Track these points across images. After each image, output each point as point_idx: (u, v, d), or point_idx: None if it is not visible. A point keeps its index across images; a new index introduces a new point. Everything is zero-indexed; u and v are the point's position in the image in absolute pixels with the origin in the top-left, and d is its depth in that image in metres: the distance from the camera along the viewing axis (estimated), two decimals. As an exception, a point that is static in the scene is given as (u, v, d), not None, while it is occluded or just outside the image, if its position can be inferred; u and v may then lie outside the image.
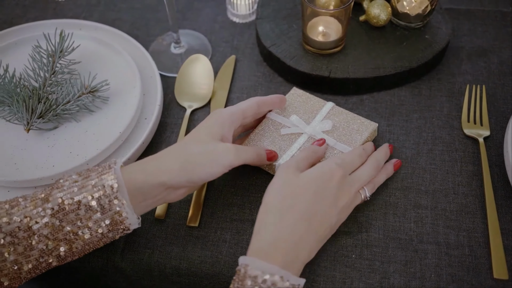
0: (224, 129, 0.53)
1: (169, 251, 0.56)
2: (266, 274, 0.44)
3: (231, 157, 0.51)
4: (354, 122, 0.59)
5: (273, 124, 0.60)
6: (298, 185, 0.50)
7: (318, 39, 0.68)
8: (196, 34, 0.77)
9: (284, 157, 0.57)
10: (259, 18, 0.74)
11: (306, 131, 0.58)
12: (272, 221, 0.48)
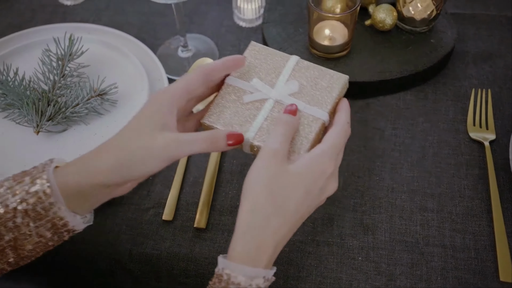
0: (165, 116, 0.47)
1: (177, 253, 0.57)
2: (251, 279, 0.42)
3: (171, 152, 0.45)
4: (322, 77, 0.52)
5: (234, 92, 0.52)
6: (288, 182, 0.44)
7: (324, 43, 0.69)
8: (203, 38, 0.78)
9: (252, 129, 0.49)
10: (266, 22, 0.75)
11: (271, 96, 0.51)
12: (259, 224, 0.44)
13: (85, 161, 0.46)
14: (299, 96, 0.51)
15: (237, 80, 0.52)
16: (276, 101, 0.51)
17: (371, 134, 0.66)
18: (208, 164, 0.63)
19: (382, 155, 0.64)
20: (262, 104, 0.51)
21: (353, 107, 0.68)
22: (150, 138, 0.45)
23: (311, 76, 0.52)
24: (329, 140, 0.47)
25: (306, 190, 0.45)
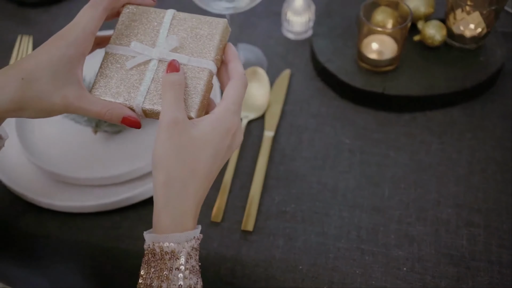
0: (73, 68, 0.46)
1: (224, 253, 0.59)
2: (185, 242, 0.43)
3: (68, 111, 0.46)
4: (201, 26, 0.49)
5: (116, 59, 0.50)
6: (196, 147, 0.44)
7: (372, 57, 0.70)
8: (252, 48, 0.81)
9: (140, 93, 0.48)
10: (315, 35, 0.77)
11: (153, 56, 0.49)
12: (177, 193, 0.43)
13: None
14: (181, 51, 0.49)
15: (116, 47, 0.50)
16: (160, 60, 0.49)
17: (417, 148, 0.66)
18: (255, 170, 0.65)
19: (428, 169, 0.64)
20: (146, 66, 0.49)
21: (400, 120, 0.69)
22: (49, 89, 0.45)
23: (190, 27, 0.50)
24: (229, 96, 0.46)
25: (214, 151, 0.45)
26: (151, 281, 0.42)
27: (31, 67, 0.45)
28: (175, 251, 0.42)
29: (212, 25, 0.49)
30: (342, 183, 0.64)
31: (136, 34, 0.50)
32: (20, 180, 0.64)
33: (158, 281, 0.42)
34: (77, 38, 0.46)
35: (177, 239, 0.43)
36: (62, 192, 0.63)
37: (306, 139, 0.69)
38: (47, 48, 0.45)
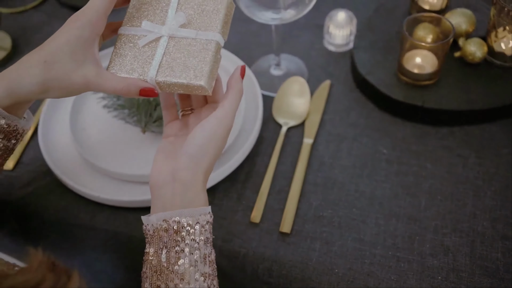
0: (89, 48, 0.50)
1: (262, 253, 0.61)
2: (199, 216, 0.47)
3: (88, 89, 0.50)
4: (206, 3, 0.53)
5: (129, 39, 0.54)
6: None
7: (413, 70, 0.72)
8: (294, 59, 0.83)
9: (152, 67, 0.52)
10: (356, 47, 0.79)
11: (163, 32, 0.52)
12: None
13: (13, 86, 0.49)
14: (189, 26, 0.53)
15: (128, 28, 0.54)
16: (170, 36, 0.53)
17: (454, 161, 0.68)
18: (294, 175, 0.67)
19: (465, 182, 0.65)
20: (157, 43, 0.53)
21: (438, 133, 0.71)
22: (69, 71, 0.49)
23: (196, 4, 0.54)
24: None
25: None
26: (167, 256, 0.46)
27: (52, 50, 0.49)
28: (191, 224, 0.47)
29: (217, 1, 0.53)
30: (379, 192, 0.65)
31: (146, 15, 0.54)
32: (71, 174, 0.67)
33: (174, 254, 0.46)
34: (91, 19, 0.49)
35: (192, 213, 0.47)
36: (109, 187, 0.66)
37: (344, 147, 0.71)
38: (64, 31, 0.49)
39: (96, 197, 0.65)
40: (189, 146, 0.49)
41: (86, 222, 0.65)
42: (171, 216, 0.47)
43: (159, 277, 0.46)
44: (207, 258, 0.48)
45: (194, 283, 0.46)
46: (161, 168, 0.50)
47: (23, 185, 0.69)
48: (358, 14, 0.84)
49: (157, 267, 0.47)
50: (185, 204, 0.48)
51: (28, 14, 0.95)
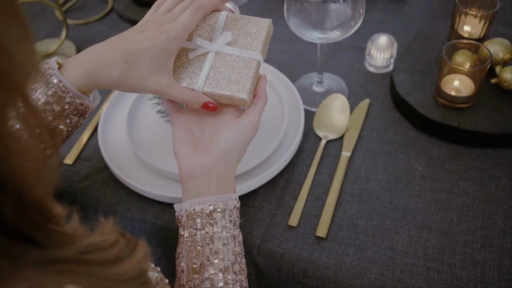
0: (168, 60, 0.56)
1: (298, 254, 0.65)
2: (229, 201, 0.55)
3: (158, 94, 0.57)
4: (250, 25, 0.61)
5: (181, 52, 0.61)
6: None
7: (451, 93, 0.76)
8: (335, 78, 0.88)
9: (200, 79, 0.59)
10: (396, 69, 0.83)
11: (211, 48, 0.60)
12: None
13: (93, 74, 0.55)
14: (234, 44, 0.60)
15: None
16: (216, 52, 0.60)
17: (487, 181, 0.70)
18: (331, 185, 0.71)
19: (496, 201, 0.68)
20: (205, 56, 0.60)
21: (472, 154, 0.74)
22: (147, 78, 0.55)
23: (241, 25, 0.61)
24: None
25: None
26: (202, 237, 0.52)
27: (135, 52, 0.55)
28: (222, 208, 0.53)
29: (259, 24, 0.61)
30: (413, 205, 0.69)
31: (196, 31, 0.61)
32: (126, 170, 0.73)
33: (208, 234, 0.52)
34: (177, 35, 0.56)
35: (222, 199, 0.54)
36: (159, 183, 0.72)
37: (380, 162, 0.74)
38: (151, 38, 0.55)
39: (147, 192, 0.70)
40: (223, 144, 0.56)
41: (137, 215, 0.71)
42: (204, 202, 0.53)
43: (196, 256, 0.52)
44: (236, 239, 0.54)
45: (227, 260, 0.52)
46: (192, 161, 0.56)
47: (81, 179, 0.75)
48: (399, 39, 0.89)
49: (192, 247, 0.53)
50: (219, 193, 0.55)
51: (91, 26, 1.04)
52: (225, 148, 0.56)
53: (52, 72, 0.55)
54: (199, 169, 0.56)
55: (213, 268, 0.51)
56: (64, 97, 0.56)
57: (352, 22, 0.73)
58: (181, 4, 0.59)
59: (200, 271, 0.51)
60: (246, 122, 0.57)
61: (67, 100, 0.56)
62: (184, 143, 0.58)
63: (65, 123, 0.58)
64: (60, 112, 0.56)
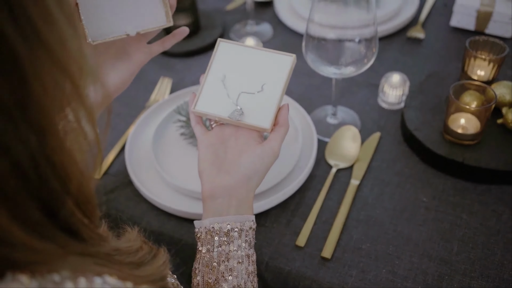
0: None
1: (303, 272, 0.69)
2: (245, 222, 0.58)
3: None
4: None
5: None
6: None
7: (458, 130, 0.80)
8: (349, 111, 0.93)
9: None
10: (407, 106, 0.88)
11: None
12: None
13: None
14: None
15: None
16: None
17: (488, 215, 0.74)
18: (339, 210, 0.76)
19: (496, 234, 0.71)
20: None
21: (476, 189, 0.77)
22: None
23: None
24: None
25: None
26: (218, 253, 0.56)
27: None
28: (239, 228, 0.57)
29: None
30: (416, 234, 0.72)
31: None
32: (148, 186, 0.79)
33: (224, 252, 0.56)
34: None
35: (240, 220, 0.58)
36: (179, 200, 0.77)
37: (387, 192, 0.78)
38: None
39: (167, 207, 0.76)
40: (245, 168, 0.60)
41: (156, 228, 0.76)
42: (223, 221, 0.57)
43: (211, 271, 0.56)
44: (250, 258, 0.57)
45: (240, 277, 0.55)
46: (214, 182, 0.60)
47: (107, 192, 0.81)
48: (412, 78, 0.94)
49: (208, 263, 0.56)
50: (238, 214, 0.59)
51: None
52: (247, 172, 0.60)
53: None
54: (221, 189, 0.59)
55: (227, 284, 0.55)
56: None
57: (365, 60, 0.79)
58: None
59: (214, 286, 0.55)
60: (267, 149, 0.61)
61: None
62: (208, 164, 0.61)
63: None
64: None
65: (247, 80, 0.65)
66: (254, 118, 0.63)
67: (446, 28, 1.12)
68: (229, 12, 1.24)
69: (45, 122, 0.31)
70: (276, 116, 0.63)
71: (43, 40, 0.30)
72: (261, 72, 0.65)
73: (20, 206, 0.31)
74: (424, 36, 1.10)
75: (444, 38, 1.10)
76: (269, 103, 0.64)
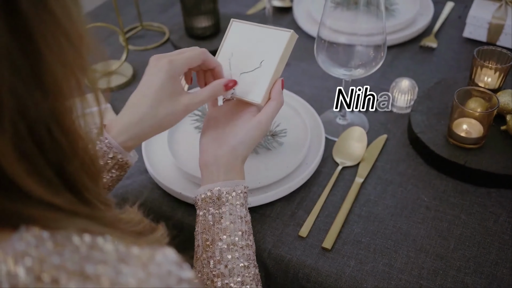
0: (175, 84, 0.64)
1: (304, 261, 0.72)
2: (235, 186, 0.63)
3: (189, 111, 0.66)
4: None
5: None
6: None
7: (461, 134, 0.82)
8: (358, 114, 0.97)
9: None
10: (414, 110, 0.91)
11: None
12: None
13: (129, 130, 0.65)
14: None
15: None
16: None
17: (487, 216, 0.76)
18: (342, 205, 0.79)
19: (493, 235, 0.73)
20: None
21: (476, 192, 0.80)
22: (172, 106, 0.64)
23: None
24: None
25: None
26: (212, 217, 0.62)
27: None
28: (229, 192, 0.63)
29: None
30: (414, 231, 0.75)
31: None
32: (162, 174, 0.84)
33: (217, 214, 0.62)
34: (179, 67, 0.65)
35: (229, 184, 0.63)
36: (190, 187, 0.81)
37: (390, 190, 0.81)
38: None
39: (178, 194, 0.80)
40: (232, 139, 0.66)
41: (167, 213, 0.80)
42: (214, 186, 0.63)
43: (207, 232, 0.61)
44: (243, 219, 0.62)
45: (233, 236, 0.61)
46: (208, 150, 0.67)
47: (123, 179, 0.86)
48: (421, 85, 0.97)
49: (205, 226, 0.62)
50: (227, 180, 0.64)
51: (148, 52, 1.18)
52: (233, 143, 0.66)
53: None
54: (212, 159, 0.66)
55: (222, 243, 0.61)
56: (108, 152, 0.65)
57: (374, 63, 0.83)
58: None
59: (212, 245, 0.61)
60: (255, 122, 0.67)
61: (110, 155, 0.65)
62: (207, 135, 0.69)
63: (106, 177, 0.67)
64: (103, 166, 0.66)
65: (249, 57, 0.70)
66: (249, 93, 0.69)
67: (459, 39, 1.15)
68: (249, 16, 1.29)
69: (55, 88, 0.35)
70: (270, 91, 0.68)
71: (47, 5, 0.33)
72: (261, 49, 0.69)
73: (35, 163, 0.35)
74: (436, 45, 1.13)
75: (455, 48, 1.13)
76: (263, 79, 0.68)
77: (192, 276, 0.36)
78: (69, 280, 0.31)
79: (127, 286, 0.32)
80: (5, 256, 0.31)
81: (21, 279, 0.31)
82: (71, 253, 0.33)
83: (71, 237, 0.35)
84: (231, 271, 0.59)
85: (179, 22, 1.23)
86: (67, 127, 0.37)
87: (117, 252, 0.34)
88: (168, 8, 1.35)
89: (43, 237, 0.33)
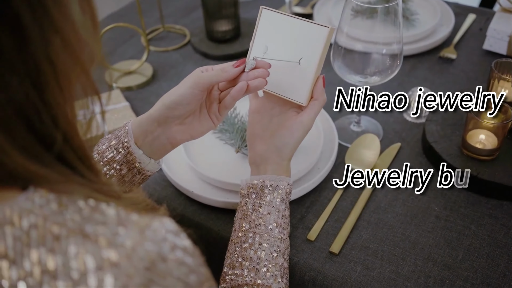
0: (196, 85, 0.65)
1: (310, 264, 0.73)
2: (280, 181, 0.67)
3: (193, 77, 0.64)
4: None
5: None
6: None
7: (475, 145, 0.82)
8: (373, 121, 0.97)
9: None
10: (429, 120, 0.91)
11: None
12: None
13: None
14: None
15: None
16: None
17: (497, 229, 0.75)
18: (352, 211, 0.79)
19: (503, 247, 0.73)
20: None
21: (488, 204, 0.79)
22: (183, 83, 0.65)
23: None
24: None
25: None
26: (252, 206, 0.65)
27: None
28: (272, 185, 0.67)
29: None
30: (423, 239, 0.75)
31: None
32: (175, 172, 0.85)
33: (257, 203, 0.66)
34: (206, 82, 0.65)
35: (274, 179, 0.67)
36: (201, 187, 0.83)
37: (400, 198, 0.81)
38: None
39: (190, 192, 0.81)
40: (278, 141, 0.69)
41: (178, 210, 0.82)
42: (259, 178, 0.67)
43: (245, 219, 0.66)
44: (281, 212, 0.66)
45: (268, 225, 0.64)
46: (255, 150, 0.71)
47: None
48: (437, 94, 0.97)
49: (244, 212, 0.66)
50: (276, 172, 0.69)
51: (169, 54, 1.20)
52: (278, 144, 0.69)
53: (126, 131, 0.66)
54: (259, 157, 0.70)
55: (257, 230, 0.64)
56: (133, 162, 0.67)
57: (389, 71, 0.83)
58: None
59: (247, 231, 0.65)
60: (298, 123, 0.68)
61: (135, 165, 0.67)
62: (252, 132, 0.72)
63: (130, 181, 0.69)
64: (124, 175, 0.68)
65: (286, 52, 0.67)
66: (292, 92, 0.68)
67: (479, 51, 1.15)
68: (269, 22, 1.30)
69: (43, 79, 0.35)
70: (312, 90, 0.69)
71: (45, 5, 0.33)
72: (298, 44, 0.67)
73: (22, 138, 0.35)
74: (455, 56, 1.13)
75: (475, 60, 1.12)
76: (304, 78, 0.67)
77: (187, 245, 0.37)
78: (68, 237, 0.33)
79: (122, 247, 0.33)
80: (11, 213, 0.33)
81: (24, 229, 0.33)
82: (74, 213, 0.35)
83: (77, 200, 0.36)
84: (260, 257, 0.63)
85: (200, 25, 1.25)
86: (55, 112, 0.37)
87: (117, 216, 0.36)
88: (191, 12, 1.37)
89: (49, 198, 0.35)
